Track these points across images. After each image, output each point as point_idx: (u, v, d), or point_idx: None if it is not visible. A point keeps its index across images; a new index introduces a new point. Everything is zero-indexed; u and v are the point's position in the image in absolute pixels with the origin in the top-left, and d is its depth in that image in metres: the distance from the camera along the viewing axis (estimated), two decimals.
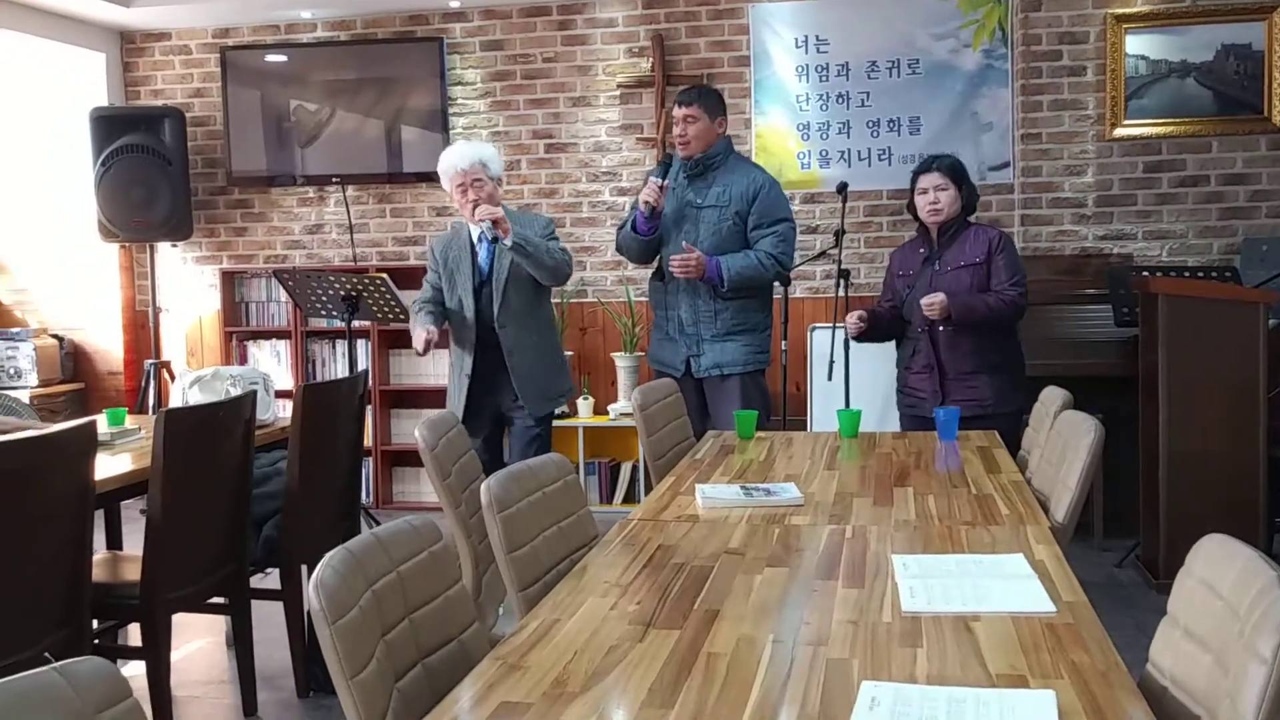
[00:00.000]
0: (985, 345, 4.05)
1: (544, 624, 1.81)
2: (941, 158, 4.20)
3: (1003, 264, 4.05)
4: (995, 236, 4.13)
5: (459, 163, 4.14)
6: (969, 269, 4.05)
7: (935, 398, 4.06)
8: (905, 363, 4.25)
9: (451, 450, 2.85)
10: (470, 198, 4.13)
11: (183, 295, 6.77)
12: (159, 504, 3.08)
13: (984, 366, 4.03)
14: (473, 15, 6.30)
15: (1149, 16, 5.50)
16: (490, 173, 4.18)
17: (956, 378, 4.06)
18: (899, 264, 4.31)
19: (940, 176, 4.10)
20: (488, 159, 4.20)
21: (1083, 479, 2.48)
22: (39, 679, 1.14)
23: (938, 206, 4.09)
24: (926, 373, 4.10)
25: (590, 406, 6.14)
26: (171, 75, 6.71)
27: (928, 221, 4.16)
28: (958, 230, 4.14)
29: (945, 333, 4.05)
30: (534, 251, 4.06)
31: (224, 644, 4.17)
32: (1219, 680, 1.35)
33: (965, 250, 4.09)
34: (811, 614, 1.83)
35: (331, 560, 1.56)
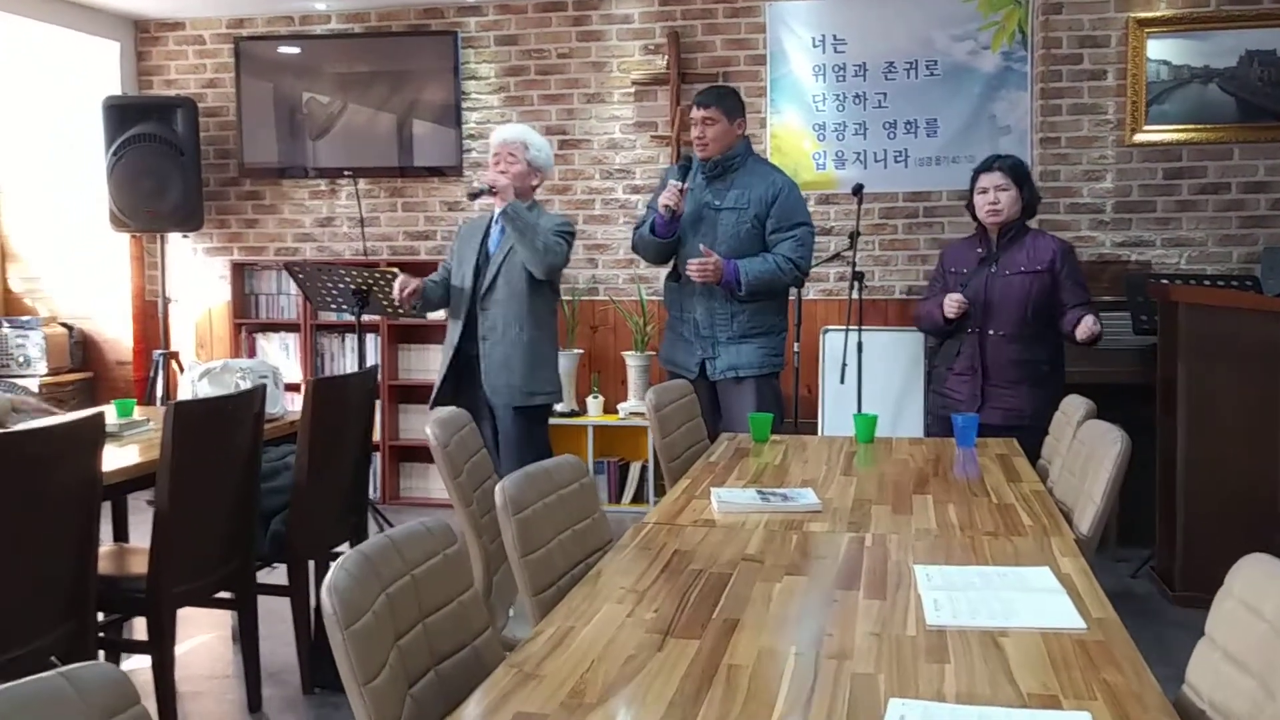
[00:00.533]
0: (1034, 355, 3.99)
1: (559, 631, 1.77)
2: (1004, 157, 4.13)
3: (1071, 284, 3.99)
4: (1061, 249, 4.04)
5: (503, 133, 4.29)
6: (1029, 275, 3.98)
7: (973, 402, 3.99)
8: (948, 362, 4.16)
9: (464, 448, 2.80)
10: (499, 169, 4.21)
11: (192, 286, 6.74)
12: (167, 497, 3.04)
13: (1028, 377, 3.96)
14: (488, 9, 6.26)
15: (1171, 21, 5.44)
16: (529, 154, 4.24)
17: (999, 385, 3.99)
18: (951, 260, 4.23)
19: (1002, 176, 4.04)
20: (532, 142, 4.27)
21: (1108, 491, 2.43)
22: (45, 684, 1.10)
23: (998, 207, 4.02)
24: (968, 375, 4.03)
25: (600, 405, 6.10)
26: (185, 65, 6.67)
27: (986, 222, 4.08)
28: (1017, 233, 4.07)
29: (994, 337, 3.98)
30: (523, 227, 4.06)
31: (229, 639, 4.14)
32: (1263, 705, 1.31)
33: (1026, 255, 4.02)
34: (833, 625, 1.79)
35: (345, 563, 1.51)
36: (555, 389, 4.30)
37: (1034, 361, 4.00)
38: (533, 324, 4.17)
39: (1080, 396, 3.26)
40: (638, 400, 6.04)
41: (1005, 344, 4.00)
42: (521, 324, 4.14)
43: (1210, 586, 4.35)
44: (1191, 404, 4.26)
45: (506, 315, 4.14)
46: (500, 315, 4.14)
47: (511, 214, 4.07)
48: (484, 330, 4.15)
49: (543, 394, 4.22)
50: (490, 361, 4.13)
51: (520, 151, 4.21)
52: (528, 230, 4.05)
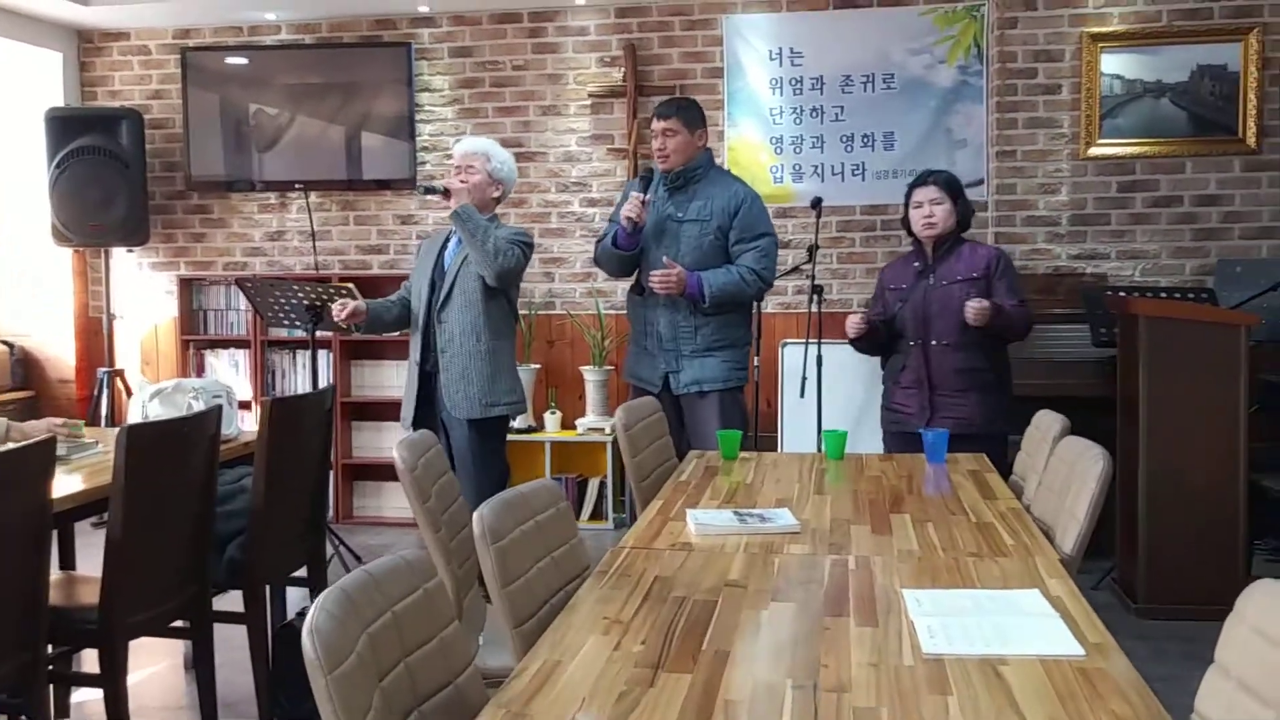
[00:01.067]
0: (978, 363, 3.99)
1: (545, 666, 1.70)
2: (937, 172, 4.15)
3: (1006, 285, 4.00)
4: (995, 255, 4.07)
5: (466, 144, 4.25)
6: (964, 284, 3.99)
7: (922, 414, 4.00)
8: (894, 377, 4.17)
9: (430, 471, 2.72)
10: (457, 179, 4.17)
11: (138, 302, 6.57)
12: (120, 524, 2.93)
13: (975, 385, 3.98)
14: (442, 21, 6.18)
15: (1125, 36, 5.49)
16: (490, 165, 4.18)
17: (946, 394, 3.99)
18: (891, 278, 4.24)
19: (936, 190, 4.05)
20: (494, 154, 4.22)
21: (1092, 510, 2.41)
22: None
23: (932, 220, 4.04)
24: (915, 388, 4.03)
25: (558, 421, 6.02)
26: (130, 76, 6.52)
27: (922, 235, 4.09)
28: (953, 245, 4.08)
29: (937, 347, 3.99)
30: (474, 229, 3.99)
31: (181, 668, 4.01)
32: None
33: (961, 265, 4.03)
34: (827, 655, 1.74)
35: (325, 602, 1.44)
36: (517, 399, 4.21)
37: (979, 369, 4.01)
38: (490, 334, 4.09)
39: (1053, 412, 3.25)
40: (595, 416, 5.97)
41: (949, 354, 4.00)
42: (479, 334, 4.06)
43: (1172, 598, 4.38)
44: (1153, 416, 4.28)
45: (463, 326, 4.06)
46: (457, 326, 4.07)
47: (463, 215, 4.00)
48: (442, 343, 4.08)
49: (502, 404, 4.12)
50: (449, 375, 4.06)
51: (481, 162, 4.16)
52: (478, 232, 3.97)
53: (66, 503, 2.99)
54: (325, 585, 3.87)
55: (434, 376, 4.18)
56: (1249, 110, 5.41)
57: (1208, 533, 4.23)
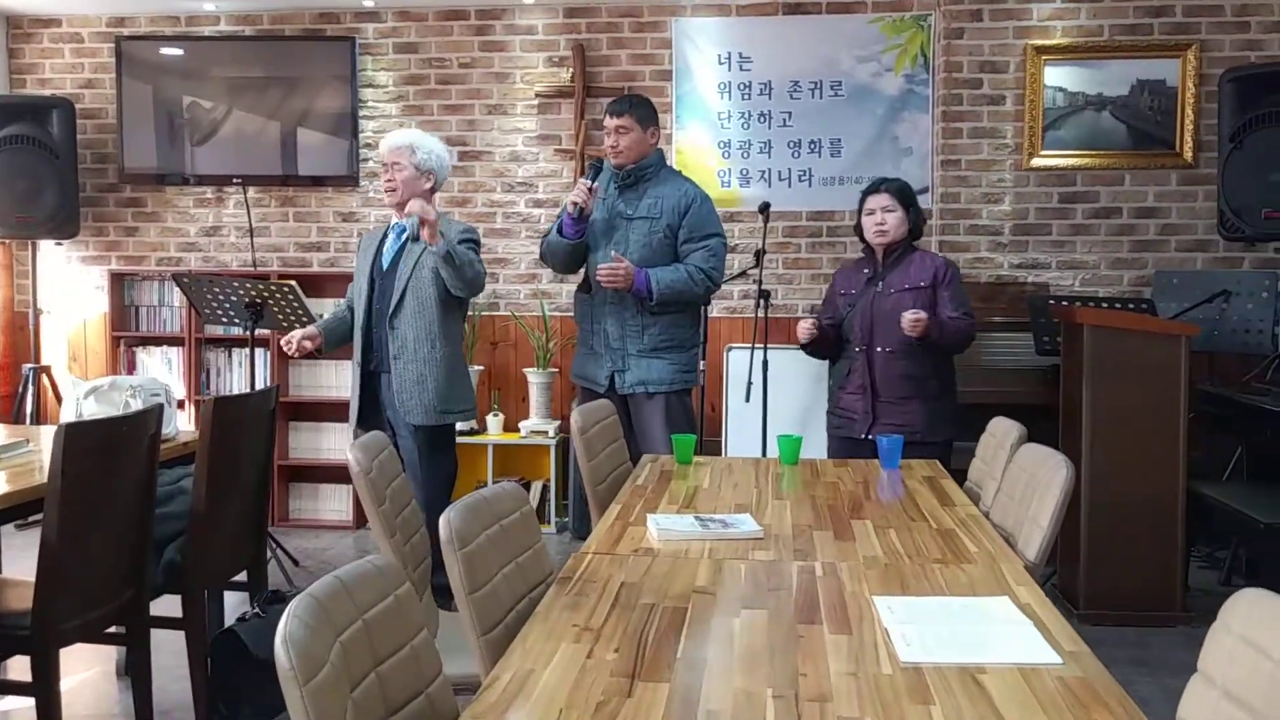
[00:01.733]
0: (921, 371, 4.01)
1: (518, 676, 1.65)
2: (890, 180, 4.17)
3: (950, 294, 4.02)
4: (942, 265, 4.10)
5: (388, 140, 4.14)
6: (912, 292, 4.01)
7: (866, 419, 4.01)
8: (840, 382, 4.19)
9: (384, 474, 2.66)
10: (385, 179, 4.09)
11: (66, 297, 6.38)
12: (55, 526, 2.81)
13: (918, 392, 4.00)
14: (387, 16, 6.08)
15: (1068, 49, 5.57)
16: (416, 158, 4.08)
17: (889, 401, 4.01)
18: (841, 283, 4.25)
19: (889, 198, 4.07)
20: (419, 144, 4.10)
21: (1055, 517, 2.42)
22: None
23: (884, 228, 4.05)
24: (860, 394, 4.05)
25: (500, 423, 5.95)
26: (61, 64, 6.32)
27: (873, 243, 4.11)
28: (903, 253, 4.10)
29: (882, 354, 4.00)
30: (459, 264, 3.92)
31: (114, 675, 3.88)
32: None
33: (910, 274, 4.05)
34: (805, 663, 1.71)
35: (297, 610, 1.38)
36: (470, 406, 4.20)
37: (923, 377, 4.03)
38: (444, 340, 4.07)
39: (1009, 419, 3.26)
40: (539, 418, 5.91)
41: (893, 360, 4.02)
42: (434, 341, 4.02)
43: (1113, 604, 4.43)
44: (1096, 423, 4.34)
45: (417, 333, 4.00)
46: (410, 332, 4.00)
47: (450, 255, 3.87)
48: (394, 349, 4.01)
49: (456, 412, 4.11)
50: (403, 381, 3.99)
51: (406, 156, 4.08)
52: (462, 266, 3.90)
53: (4, 501, 2.88)
54: (266, 589, 3.79)
55: (377, 376, 4.10)
56: (1186, 125, 5.51)
57: (1148, 540, 4.29)
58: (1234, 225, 4.96)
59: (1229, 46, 5.48)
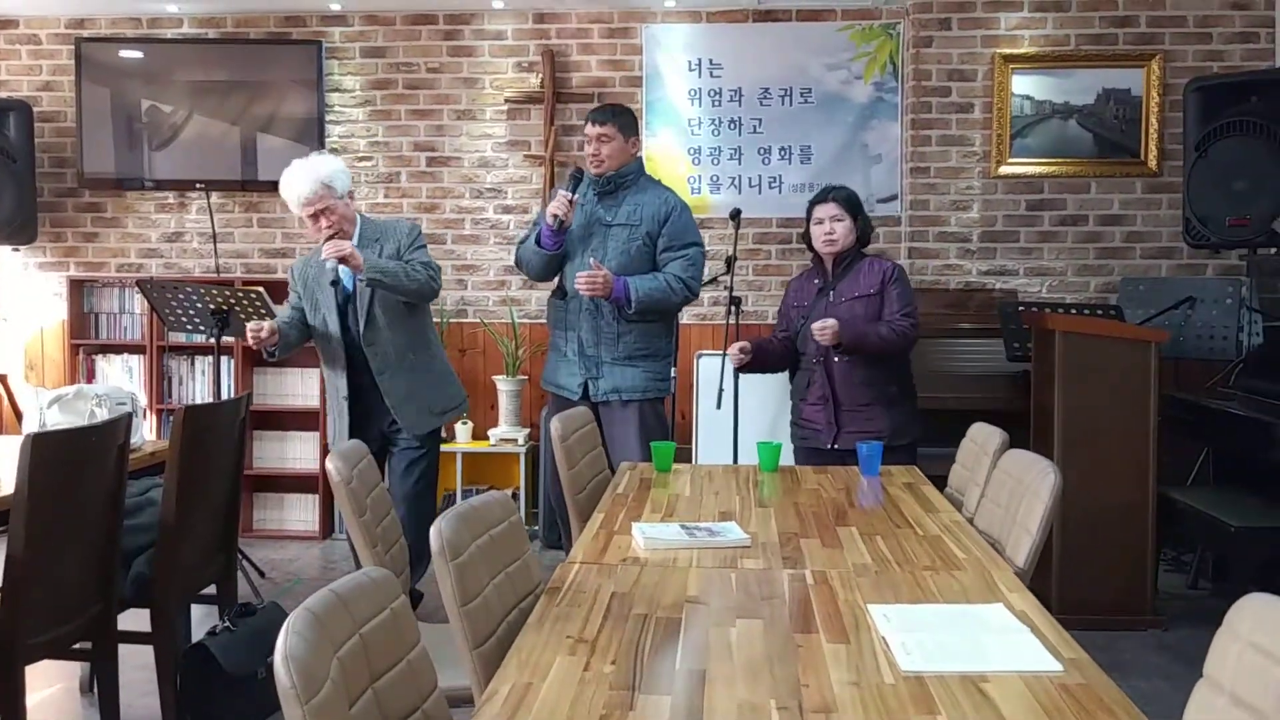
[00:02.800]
0: (880, 377, 4.00)
1: (516, 689, 1.62)
2: (837, 189, 4.15)
3: (895, 294, 4.02)
4: (889, 268, 4.09)
5: (304, 190, 3.85)
6: (863, 299, 4.00)
7: (830, 429, 3.99)
8: (800, 394, 4.16)
9: (364, 483, 2.61)
10: (322, 226, 3.89)
11: (22, 304, 6.24)
12: (22, 540, 2.74)
13: (879, 398, 3.98)
14: (354, 19, 6.02)
15: (1035, 58, 5.61)
16: (337, 193, 3.92)
17: (852, 409, 3.99)
18: (794, 295, 4.24)
19: (836, 207, 4.05)
20: (331, 178, 3.90)
21: (1044, 523, 2.41)
22: None
23: (833, 237, 4.04)
24: (821, 404, 4.03)
25: (469, 431, 5.90)
26: (17, 66, 6.20)
27: (822, 252, 4.10)
28: (852, 261, 4.09)
29: (840, 364, 3.98)
30: (392, 281, 3.85)
31: (77, 691, 3.79)
32: None
33: (860, 281, 4.04)
34: (806, 674, 1.69)
35: (296, 625, 1.34)
36: (461, 401, 4.29)
37: (881, 383, 4.02)
38: (423, 345, 4.10)
39: (990, 425, 3.26)
40: (508, 426, 5.87)
41: (850, 369, 4.01)
42: (413, 349, 4.03)
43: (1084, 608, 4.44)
44: (1067, 430, 4.36)
45: (396, 345, 3.99)
46: (390, 346, 3.98)
47: (377, 278, 3.81)
48: (377, 365, 3.96)
49: (452, 408, 4.20)
50: (394, 396, 3.97)
51: (329, 196, 3.88)
52: (396, 280, 3.84)
53: None
54: (235, 602, 3.72)
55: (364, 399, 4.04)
56: (1151, 134, 5.57)
57: (1118, 544, 4.32)
58: (1199, 233, 5.01)
59: (1192, 57, 5.55)
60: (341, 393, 4.04)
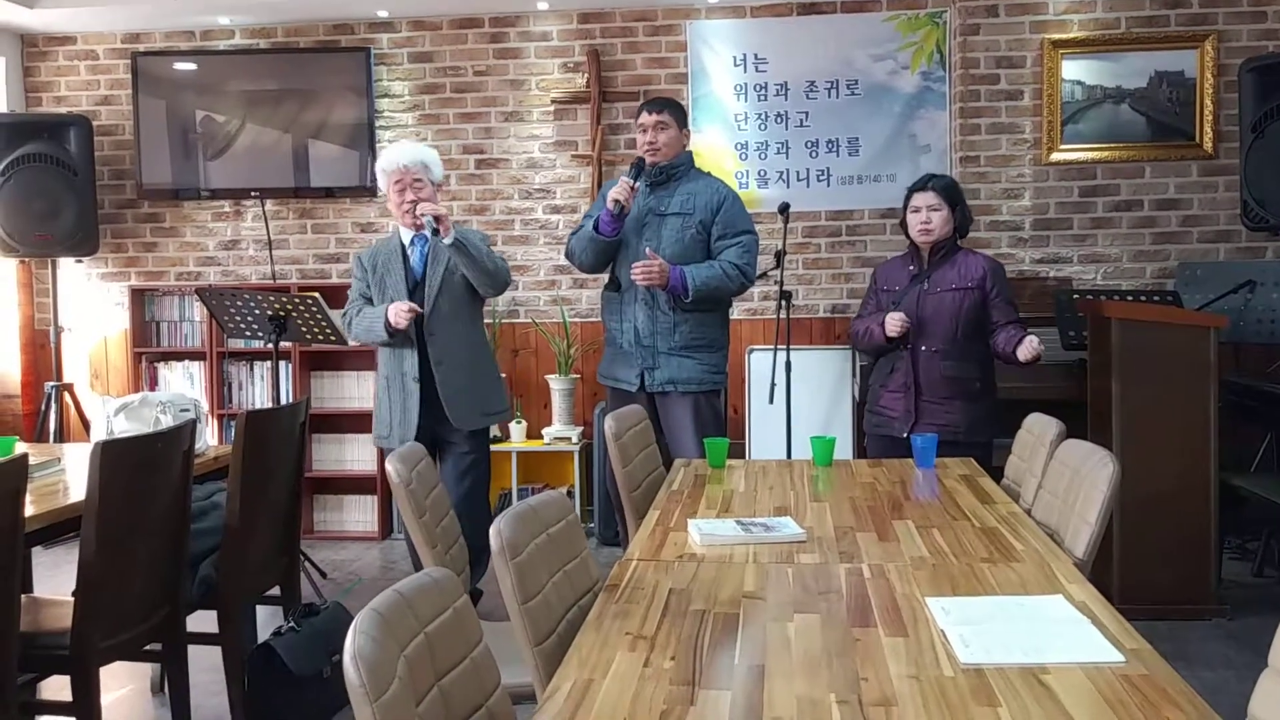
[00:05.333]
0: (965, 372, 3.99)
1: (578, 686, 1.65)
2: (938, 177, 4.14)
3: (1001, 301, 4.01)
4: (991, 267, 4.06)
5: (401, 158, 4.10)
6: (958, 292, 3.99)
7: (907, 418, 3.98)
8: (882, 380, 4.15)
9: (424, 484, 2.65)
10: (408, 198, 4.09)
11: (87, 314, 6.39)
12: (93, 545, 2.81)
13: (961, 393, 3.97)
14: (401, 26, 6.08)
15: (1084, 43, 5.55)
16: (431, 175, 4.15)
17: (932, 401, 3.98)
18: (884, 279, 4.23)
19: (934, 196, 4.04)
20: (430, 160, 4.16)
21: (1103, 514, 2.40)
22: None
23: (929, 226, 4.03)
24: (902, 392, 4.02)
25: (523, 430, 5.94)
26: (77, 81, 6.34)
27: (918, 240, 4.09)
28: (948, 252, 4.08)
29: (926, 354, 3.98)
30: (474, 252, 4.02)
31: (148, 691, 3.88)
32: None
33: (956, 273, 4.03)
34: (865, 668, 1.70)
35: (363, 625, 1.37)
36: (506, 407, 4.40)
37: (965, 378, 4.01)
38: (480, 344, 4.23)
39: (1047, 416, 3.24)
40: (562, 425, 5.91)
41: (937, 360, 4.00)
42: (470, 345, 4.15)
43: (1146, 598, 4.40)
44: (1125, 417, 4.31)
45: (455, 338, 4.10)
46: (449, 339, 4.09)
47: (461, 243, 3.99)
48: (436, 355, 4.05)
49: (496, 412, 4.28)
50: (449, 387, 4.04)
51: (424, 173, 4.12)
52: (478, 254, 3.99)
53: (38, 521, 2.88)
54: (298, 602, 3.79)
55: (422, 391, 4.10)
56: (1205, 116, 5.49)
57: (1180, 532, 4.27)
58: (1258, 215, 4.93)
59: (1246, 36, 5.46)
60: (411, 374, 4.10)
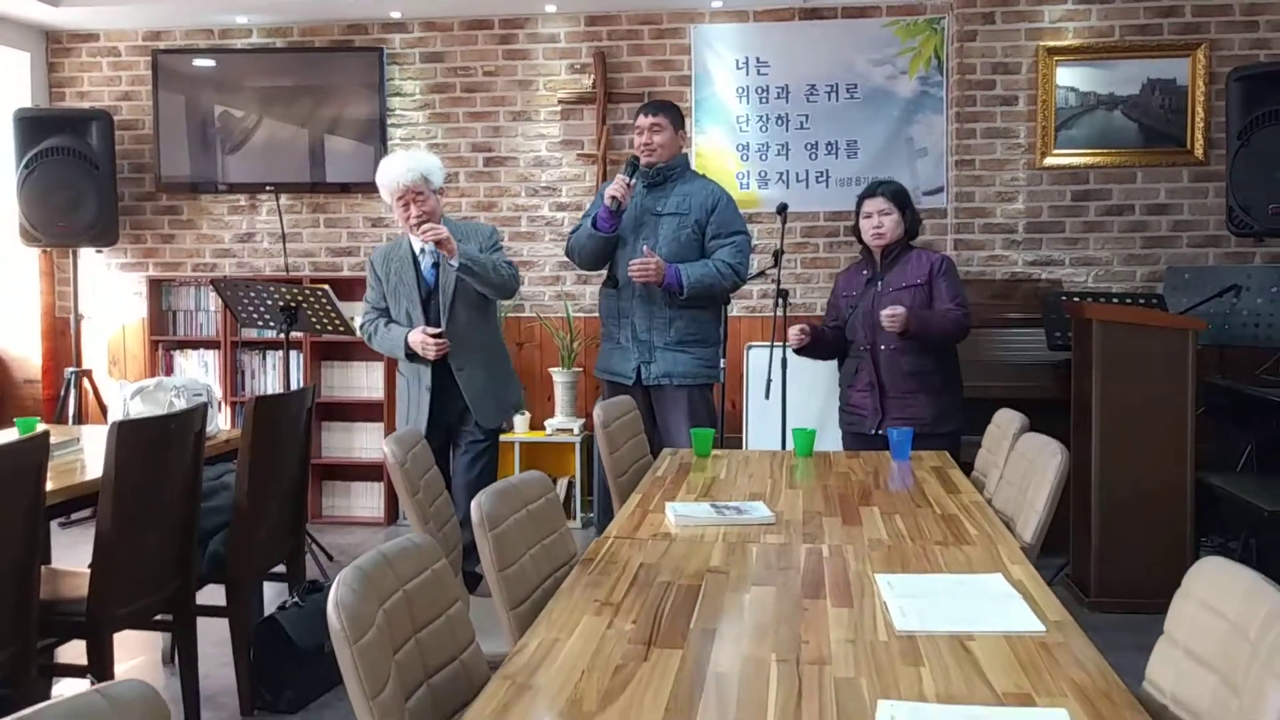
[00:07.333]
0: (925, 365, 4.14)
1: (544, 643, 1.81)
2: (886, 183, 4.30)
3: (944, 286, 4.15)
4: (937, 260, 4.23)
5: (400, 177, 4.09)
6: (910, 290, 4.15)
7: (875, 415, 4.14)
8: (848, 381, 4.33)
9: (418, 465, 2.82)
10: (413, 213, 4.11)
11: (105, 302, 6.59)
12: (109, 518, 2.99)
13: (924, 387, 4.12)
14: (413, 26, 6.26)
15: (1079, 50, 5.68)
16: (432, 186, 4.16)
17: (896, 396, 4.14)
18: (843, 285, 4.40)
19: (884, 201, 4.20)
20: (430, 171, 4.15)
21: (1049, 501, 2.55)
22: (82, 701, 1.11)
23: (881, 230, 4.19)
24: (868, 391, 4.18)
25: (526, 422, 6.11)
26: (99, 77, 6.54)
27: (871, 244, 4.25)
28: (900, 253, 4.23)
29: (886, 352, 4.14)
30: (481, 271, 4.08)
31: (160, 662, 4.06)
32: (1227, 700, 1.41)
33: (907, 272, 4.19)
34: (808, 633, 1.86)
35: (346, 579, 1.54)
36: (519, 399, 4.57)
37: (927, 372, 4.16)
38: (497, 343, 4.39)
39: (1012, 410, 3.39)
40: (564, 417, 6.07)
41: (896, 357, 4.16)
42: (489, 345, 4.28)
43: (1122, 592, 4.54)
44: (1105, 417, 4.45)
45: (474, 342, 4.21)
46: (468, 344, 4.19)
47: (468, 265, 4.05)
48: (458, 363, 4.17)
49: (514, 403, 4.48)
50: (472, 390, 4.19)
51: (425, 186, 4.11)
52: (484, 271, 4.08)
53: (57, 496, 3.06)
54: (304, 580, 3.97)
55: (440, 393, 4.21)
56: (1197, 123, 5.61)
57: (1157, 529, 4.40)
58: (1242, 221, 5.06)
59: (1238, 45, 5.58)
60: (425, 384, 4.20)
